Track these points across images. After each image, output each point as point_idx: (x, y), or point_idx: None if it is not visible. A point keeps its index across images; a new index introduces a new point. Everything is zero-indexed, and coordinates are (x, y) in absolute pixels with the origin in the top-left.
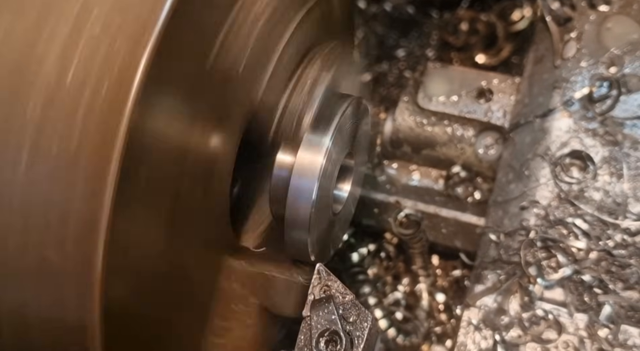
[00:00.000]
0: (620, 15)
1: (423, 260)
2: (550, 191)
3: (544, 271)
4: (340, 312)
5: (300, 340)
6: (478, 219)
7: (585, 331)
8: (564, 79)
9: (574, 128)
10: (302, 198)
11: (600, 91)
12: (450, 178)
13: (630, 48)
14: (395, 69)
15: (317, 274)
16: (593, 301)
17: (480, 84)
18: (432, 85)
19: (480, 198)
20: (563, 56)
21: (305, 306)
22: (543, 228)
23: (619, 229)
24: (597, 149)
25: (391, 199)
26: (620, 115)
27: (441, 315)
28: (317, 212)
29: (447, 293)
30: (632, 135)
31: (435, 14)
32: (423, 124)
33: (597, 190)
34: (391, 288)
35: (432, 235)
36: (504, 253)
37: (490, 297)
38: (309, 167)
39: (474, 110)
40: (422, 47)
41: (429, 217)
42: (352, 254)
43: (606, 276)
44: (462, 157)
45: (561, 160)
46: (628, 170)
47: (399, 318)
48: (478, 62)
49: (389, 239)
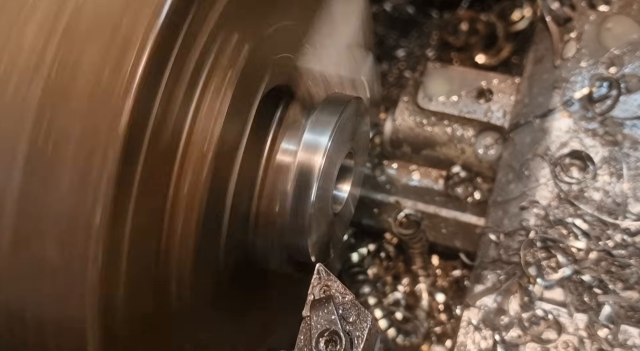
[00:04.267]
0: (620, 15)
1: (423, 260)
2: (550, 191)
3: (544, 271)
4: (340, 312)
5: (300, 340)
6: (478, 219)
7: (585, 331)
8: (564, 79)
9: (574, 129)
10: (302, 199)
11: (600, 91)
12: (450, 178)
13: (630, 48)
14: (395, 69)
15: (317, 274)
16: (593, 302)
17: (480, 84)
18: (432, 85)
19: (480, 198)
20: (563, 56)
21: (305, 306)
22: (543, 228)
23: (618, 229)
24: (597, 149)
25: (391, 199)
26: (620, 115)
27: (441, 315)
28: (317, 213)
29: (447, 293)
30: (632, 135)
31: (435, 14)
32: (423, 124)
33: (597, 190)
34: (391, 288)
35: (432, 235)
36: (504, 253)
37: (490, 297)
38: (309, 168)
39: (474, 110)
40: (422, 47)
41: (429, 217)
42: (352, 254)
43: (606, 276)
44: (462, 157)
45: (561, 160)
46: (628, 170)
47: (399, 318)
48: (478, 62)
49: (389, 239)
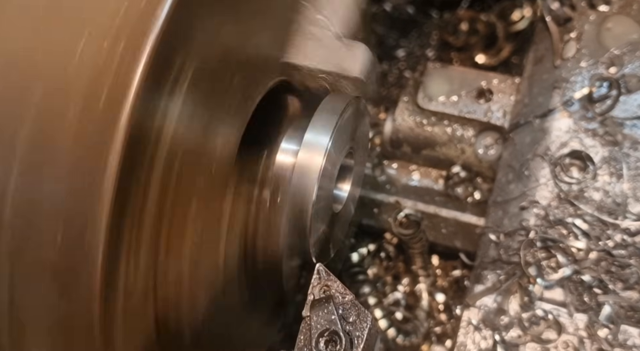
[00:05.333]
0: (620, 15)
1: (423, 260)
2: (550, 191)
3: (544, 271)
4: (340, 312)
5: (299, 340)
6: (478, 219)
7: (585, 331)
8: (564, 79)
9: (574, 129)
10: (302, 199)
11: (600, 91)
12: (450, 178)
13: (630, 48)
14: (395, 69)
15: (317, 274)
16: (593, 302)
17: (480, 84)
18: (432, 85)
19: (480, 198)
20: (563, 56)
21: (305, 307)
22: (543, 228)
23: (618, 229)
24: (597, 149)
25: (391, 199)
26: (620, 115)
27: (441, 315)
28: (318, 212)
29: (447, 293)
30: (632, 135)
31: (435, 14)
32: (423, 124)
33: (596, 190)
34: (391, 288)
35: (432, 235)
36: (504, 253)
37: (490, 297)
38: (309, 168)
39: (474, 110)
40: (422, 47)
41: (429, 217)
42: (352, 254)
43: (606, 276)
44: (462, 157)
45: (561, 160)
46: (628, 170)
47: (398, 318)
48: (478, 62)
49: (389, 239)
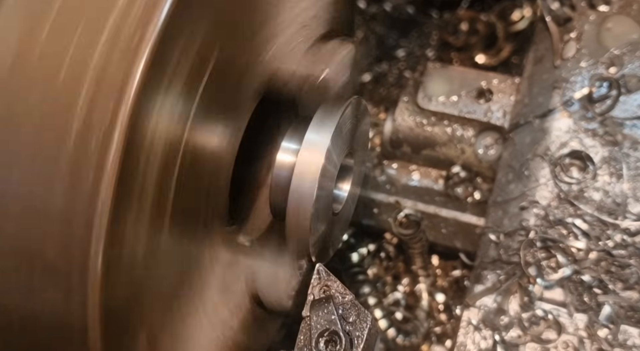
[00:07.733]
0: (620, 16)
1: (423, 260)
2: (550, 191)
3: (544, 271)
4: (340, 312)
5: (299, 340)
6: (478, 219)
7: (585, 331)
8: (564, 79)
9: (574, 129)
10: (302, 199)
11: (600, 91)
12: (450, 178)
13: (630, 48)
14: (395, 69)
15: (317, 274)
16: (593, 302)
17: (480, 84)
18: (432, 85)
19: (480, 198)
20: (563, 56)
21: (305, 307)
22: (543, 228)
23: (618, 229)
24: (597, 149)
25: (391, 199)
26: (620, 115)
27: (441, 315)
28: (318, 212)
29: (447, 293)
30: (632, 135)
31: (435, 14)
32: (423, 124)
33: (596, 190)
34: (391, 288)
35: (432, 235)
36: (504, 254)
37: (490, 297)
38: (309, 167)
39: (474, 110)
40: (422, 47)
41: (428, 217)
42: (352, 254)
43: (606, 276)
44: (462, 157)
45: (561, 160)
46: (628, 170)
47: (398, 318)
48: (478, 62)
49: (389, 239)
